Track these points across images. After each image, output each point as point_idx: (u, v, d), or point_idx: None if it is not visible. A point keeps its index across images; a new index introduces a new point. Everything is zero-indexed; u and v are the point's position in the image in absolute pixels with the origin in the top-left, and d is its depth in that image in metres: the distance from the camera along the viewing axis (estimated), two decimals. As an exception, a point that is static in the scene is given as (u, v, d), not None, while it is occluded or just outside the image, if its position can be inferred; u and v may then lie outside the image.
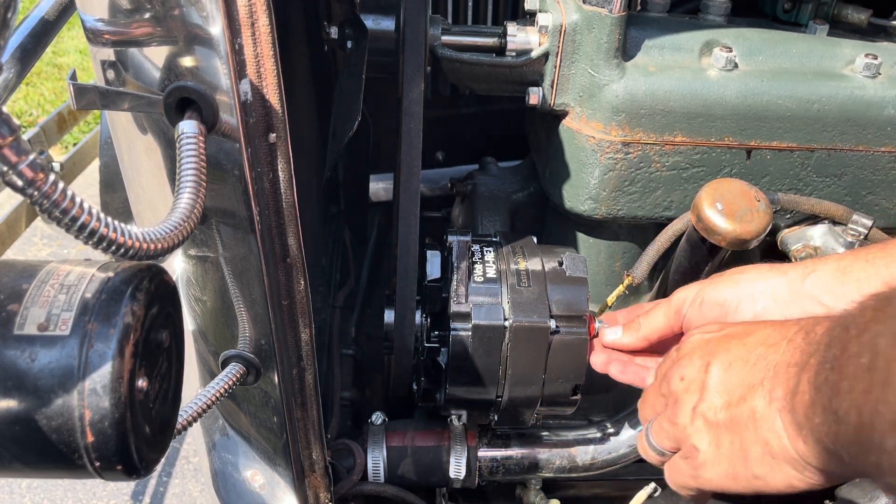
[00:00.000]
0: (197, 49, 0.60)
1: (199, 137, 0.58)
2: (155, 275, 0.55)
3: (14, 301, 0.51)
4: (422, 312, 1.05)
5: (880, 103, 1.05)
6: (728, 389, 0.62)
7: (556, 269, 1.00)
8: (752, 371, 0.60)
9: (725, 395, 0.62)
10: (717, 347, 0.66)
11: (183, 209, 0.56)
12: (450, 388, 0.99)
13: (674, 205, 1.11)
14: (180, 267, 0.85)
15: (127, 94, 0.62)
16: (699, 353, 0.67)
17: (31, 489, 2.16)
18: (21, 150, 0.44)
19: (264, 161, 0.66)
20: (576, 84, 1.06)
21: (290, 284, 0.76)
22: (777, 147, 1.07)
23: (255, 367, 0.82)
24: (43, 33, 0.86)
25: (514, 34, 1.06)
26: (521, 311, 0.95)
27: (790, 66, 1.07)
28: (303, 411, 0.89)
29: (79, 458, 0.50)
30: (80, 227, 0.48)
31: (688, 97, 1.03)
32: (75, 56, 4.67)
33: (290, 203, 0.70)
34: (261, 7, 0.58)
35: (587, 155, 1.07)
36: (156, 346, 0.55)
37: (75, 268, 0.54)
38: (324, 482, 0.98)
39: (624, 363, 0.91)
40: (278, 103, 0.64)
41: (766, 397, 0.57)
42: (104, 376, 0.49)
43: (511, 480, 1.18)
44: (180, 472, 2.22)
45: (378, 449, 1.10)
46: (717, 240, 0.97)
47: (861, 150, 1.08)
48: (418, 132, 1.02)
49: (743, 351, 0.63)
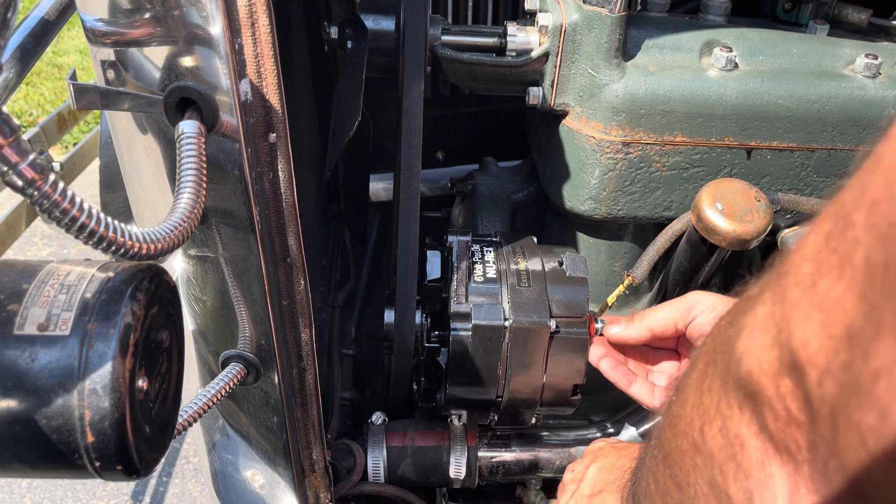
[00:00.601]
0: (197, 49, 0.60)
1: (199, 137, 0.58)
2: (155, 275, 0.55)
3: (14, 301, 0.51)
4: (422, 312, 1.05)
5: (880, 103, 1.05)
6: (593, 484, 0.83)
7: (556, 269, 1.00)
8: (613, 474, 0.81)
9: (591, 487, 0.84)
10: (600, 454, 0.87)
11: (183, 209, 0.56)
12: (450, 388, 0.99)
13: (674, 205, 1.11)
14: (180, 267, 0.85)
15: (127, 94, 0.62)
16: (590, 457, 0.88)
17: (31, 489, 2.16)
18: (21, 150, 0.44)
19: (264, 161, 0.66)
20: (576, 84, 1.06)
21: (290, 284, 0.76)
22: (777, 147, 1.07)
23: (255, 367, 0.82)
24: (43, 33, 0.86)
25: (515, 34, 1.06)
26: (521, 311, 0.95)
27: (790, 66, 1.07)
28: (303, 411, 0.89)
29: (79, 458, 0.50)
30: (79, 227, 0.48)
31: (688, 97, 1.03)
32: (75, 56, 4.67)
33: (290, 203, 0.70)
34: (261, 7, 0.58)
35: (587, 155, 1.07)
36: (156, 346, 0.55)
37: (75, 268, 0.54)
38: (324, 482, 0.98)
39: (616, 362, 0.96)
40: (278, 103, 0.64)
41: (615, 493, 0.78)
42: (104, 376, 0.49)
43: (511, 480, 1.18)
44: (180, 472, 2.22)
45: (378, 449, 1.10)
46: (717, 240, 0.97)
47: (861, 150, 1.08)
48: (418, 132, 1.02)
49: (615, 458, 0.84)
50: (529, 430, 1.16)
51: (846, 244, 0.32)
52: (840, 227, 0.32)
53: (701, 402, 0.45)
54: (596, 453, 0.89)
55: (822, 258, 0.33)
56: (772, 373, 0.36)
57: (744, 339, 0.40)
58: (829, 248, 0.33)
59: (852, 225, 0.31)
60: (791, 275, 0.36)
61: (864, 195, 0.31)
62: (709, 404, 0.44)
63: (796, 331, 0.34)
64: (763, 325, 0.38)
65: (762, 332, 0.38)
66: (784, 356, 0.35)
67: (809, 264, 0.34)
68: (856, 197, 0.32)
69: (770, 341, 0.37)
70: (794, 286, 0.35)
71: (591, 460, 0.88)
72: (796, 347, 0.34)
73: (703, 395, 0.45)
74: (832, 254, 0.32)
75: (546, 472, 1.15)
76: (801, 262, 0.35)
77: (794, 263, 0.36)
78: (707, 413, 0.44)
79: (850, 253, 0.31)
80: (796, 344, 0.34)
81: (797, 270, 0.35)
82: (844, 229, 0.32)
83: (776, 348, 0.36)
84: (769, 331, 0.37)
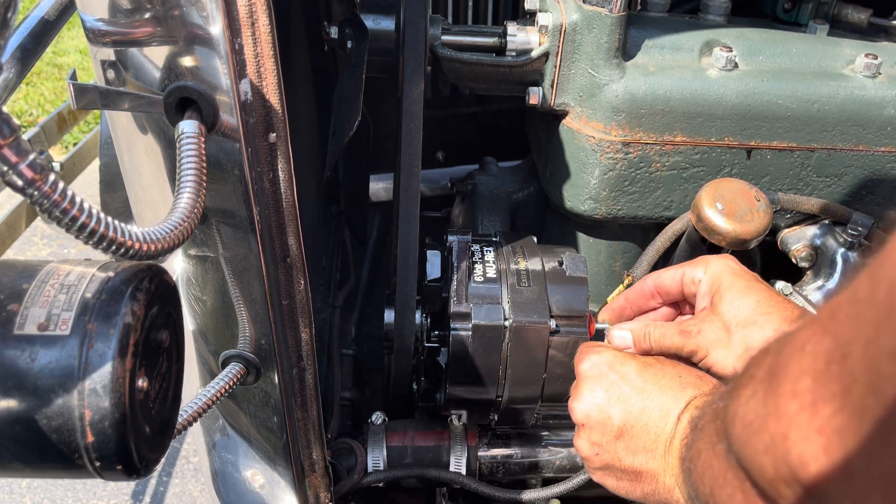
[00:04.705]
0: (197, 49, 0.60)
1: (200, 137, 0.58)
2: (155, 275, 0.55)
3: (14, 301, 0.51)
4: (422, 312, 1.05)
5: (880, 103, 1.05)
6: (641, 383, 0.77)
7: (556, 269, 1.00)
8: (664, 377, 0.75)
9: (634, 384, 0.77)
10: (617, 357, 0.80)
11: (183, 209, 0.56)
12: (450, 387, 0.99)
13: (674, 205, 1.11)
14: (180, 267, 0.85)
15: (127, 94, 0.62)
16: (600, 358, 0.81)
17: (31, 489, 2.16)
18: (21, 150, 0.44)
19: (264, 161, 0.66)
20: (576, 84, 1.06)
21: (290, 284, 0.76)
22: (777, 147, 1.07)
23: (255, 367, 0.82)
24: (43, 33, 0.86)
25: (515, 34, 1.06)
26: (521, 310, 0.95)
27: (790, 65, 1.07)
28: (303, 411, 0.89)
29: (79, 458, 0.50)
30: (79, 227, 0.48)
31: (688, 97, 1.03)
32: (75, 56, 4.67)
33: (290, 203, 0.70)
34: (261, 7, 0.58)
35: (587, 155, 1.07)
36: (156, 346, 0.55)
37: (75, 268, 0.54)
38: (324, 482, 0.98)
39: None
40: (278, 103, 0.64)
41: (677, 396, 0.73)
42: (104, 376, 0.49)
43: (511, 480, 1.18)
44: (180, 472, 2.22)
45: (378, 448, 1.10)
46: (717, 240, 0.97)
47: (861, 149, 1.08)
48: (418, 132, 1.02)
49: (659, 364, 0.78)
50: (529, 430, 1.15)
51: (846, 376, 0.33)
52: (839, 356, 0.34)
53: (711, 464, 0.49)
54: (611, 358, 0.79)
55: (824, 381, 0.35)
56: (768, 478, 0.39)
57: (738, 430, 0.43)
58: (831, 374, 0.34)
59: (850, 356, 0.33)
60: (787, 382, 0.38)
61: (862, 321, 0.33)
62: (718, 470, 0.48)
63: (794, 448, 0.36)
64: (755, 427, 0.41)
65: (755, 435, 0.41)
66: (779, 468, 0.38)
67: (810, 380, 0.36)
68: (853, 318, 0.34)
69: (762, 448, 0.39)
70: (791, 398, 0.37)
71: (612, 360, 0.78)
72: (795, 465, 0.36)
73: (715, 456, 0.49)
74: (834, 380, 0.34)
75: (546, 472, 1.15)
76: (800, 375, 0.36)
77: (791, 373, 0.38)
78: (716, 479, 0.48)
79: (850, 387, 0.33)
80: (794, 462, 0.36)
81: (794, 382, 0.37)
82: (843, 359, 0.33)
83: (769, 456, 0.39)
84: (761, 436, 0.40)
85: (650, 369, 0.75)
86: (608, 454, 0.74)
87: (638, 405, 0.73)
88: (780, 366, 0.39)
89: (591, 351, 0.81)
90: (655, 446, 0.70)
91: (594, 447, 0.76)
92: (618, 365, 0.77)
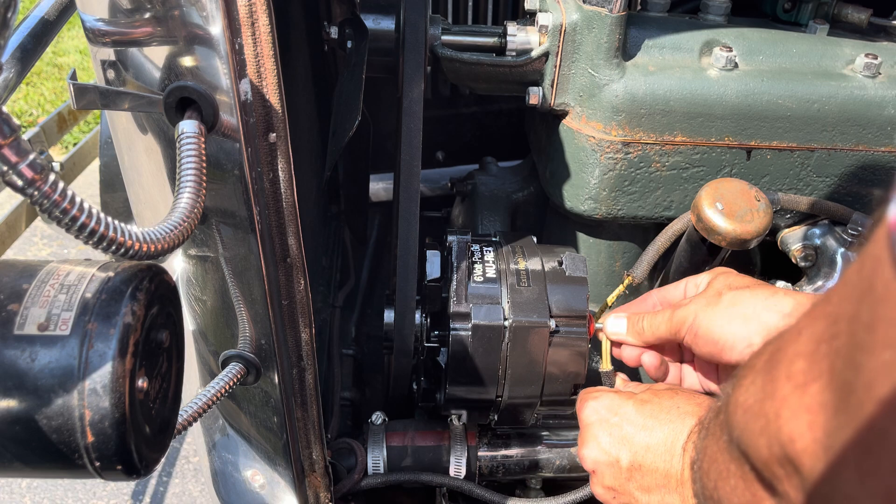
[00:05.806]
0: (197, 49, 0.60)
1: (199, 137, 0.58)
2: (155, 275, 0.55)
3: (14, 301, 0.51)
4: (422, 312, 1.05)
5: (880, 103, 1.05)
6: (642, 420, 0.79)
7: (555, 269, 1.00)
8: (663, 411, 0.76)
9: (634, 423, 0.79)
10: (615, 397, 0.82)
11: (183, 209, 0.56)
12: (450, 387, 0.99)
13: (674, 205, 1.11)
14: (180, 267, 0.85)
15: (127, 94, 0.62)
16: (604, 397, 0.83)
17: (31, 489, 2.16)
18: (21, 150, 0.44)
19: (264, 161, 0.66)
20: (576, 84, 1.06)
21: (290, 284, 0.76)
22: (777, 147, 1.07)
23: (255, 367, 0.82)
24: (43, 33, 0.86)
25: (514, 34, 1.06)
26: (521, 310, 0.95)
27: (790, 65, 1.07)
28: (303, 411, 0.89)
29: (79, 458, 0.50)
30: (79, 227, 0.48)
31: (688, 97, 1.03)
32: (75, 56, 4.67)
33: (290, 203, 0.70)
34: (261, 7, 0.58)
35: (587, 155, 1.07)
36: (156, 346, 0.55)
37: (75, 268, 0.54)
38: (324, 482, 0.98)
39: (659, 359, 0.91)
40: (278, 103, 0.64)
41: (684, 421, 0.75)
42: (104, 376, 0.49)
43: (511, 480, 1.18)
44: (180, 472, 2.22)
45: (378, 448, 1.10)
46: (717, 240, 0.97)
47: (861, 149, 1.08)
48: (418, 132, 1.02)
49: (658, 397, 0.79)
50: (529, 429, 1.15)
51: (833, 354, 0.34)
52: (828, 336, 0.35)
53: (716, 458, 0.50)
54: (613, 395, 0.82)
55: (815, 361, 0.36)
56: (763, 459, 0.40)
57: (738, 416, 0.44)
58: (820, 353, 0.35)
59: (838, 335, 0.34)
60: (783, 366, 0.39)
61: (848, 299, 0.34)
62: (722, 463, 0.49)
63: (785, 426, 0.37)
64: (754, 411, 0.42)
65: (753, 419, 0.42)
66: (773, 447, 0.39)
67: (803, 362, 0.37)
68: (843, 299, 0.35)
69: (758, 429, 0.41)
70: (786, 381, 0.38)
71: (612, 400, 0.80)
72: (785, 443, 0.37)
73: (719, 450, 0.50)
74: (823, 359, 0.35)
75: (546, 472, 1.15)
76: (794, 358, 0.38)
77: (787, 357, 0.39)
78: (721, 472, 0.49)
79: (834, 363, 0.34)
80: (784, 439, 0.37)
81: (790, 365, 0.38)
82: (832, 338, 0.34)
83: (764, 437, 0.40)
84: (758, 419, 0.41)
85: (648, 405, 0.77)
86: (625, 496, 0.76)
87: (643, 444, 0.74)
88: (778, 351, 0.41)
89: (590, 397, 0.83)
90: (667, 481, 0.72)
91: (610, 492, 0.78)
92: (616, 406, 0.79)
